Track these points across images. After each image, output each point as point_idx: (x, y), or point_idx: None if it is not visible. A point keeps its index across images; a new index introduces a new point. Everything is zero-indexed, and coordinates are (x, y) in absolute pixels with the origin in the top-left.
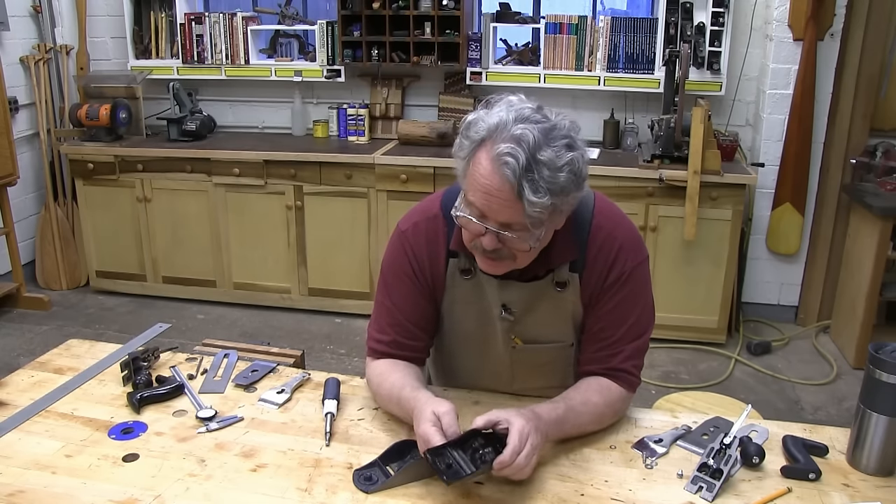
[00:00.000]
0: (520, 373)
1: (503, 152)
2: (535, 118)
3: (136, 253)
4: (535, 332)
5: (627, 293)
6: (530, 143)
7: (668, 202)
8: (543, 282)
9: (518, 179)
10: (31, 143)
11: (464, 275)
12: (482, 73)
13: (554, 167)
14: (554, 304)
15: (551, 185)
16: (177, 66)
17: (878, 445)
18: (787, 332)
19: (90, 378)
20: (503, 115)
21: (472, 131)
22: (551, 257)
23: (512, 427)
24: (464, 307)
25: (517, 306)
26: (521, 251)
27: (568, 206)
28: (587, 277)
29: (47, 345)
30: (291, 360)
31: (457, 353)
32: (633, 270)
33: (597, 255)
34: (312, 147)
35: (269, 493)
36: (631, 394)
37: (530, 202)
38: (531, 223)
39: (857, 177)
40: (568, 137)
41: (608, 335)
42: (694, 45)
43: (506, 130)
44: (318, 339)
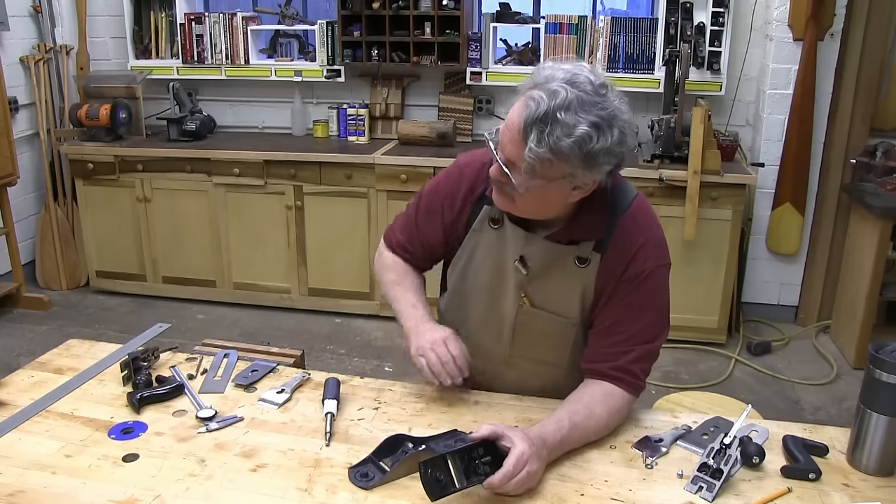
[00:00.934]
0: (520, 338)
1: (533, 96)
2: (584, 87)
3: (136, 253)
4: (545, 297)
5: (644, 293)
6: (558, 102)
7: (668, 202)
8: (565, 248)
9: (529, 124)
10: (31, 143)
11: (492, 223)
12: (482, 73)
13: (566, 131)
14: (569, 276)
15: (554, 144)
16: (177, 66)
17: (878, 445)
18: (787, 332)
19: (90, 378)
20: (562, 72)
21: (533, 76)
22: (578, 228)
23: (513, 450)
24: (484, 256)
25: (534, 262)
26: (516, 193)
27: (581, 179)
28: (607, 262)
29: (47, 345)
30: (291, 360)
31: (468, 306)
32: (652, 272)
33: (621, 243)
34: (312, 147)
35: (269, 493)
36: (634, 398)
37: (530, 147)
38: (524, 168)
39: (857, 177)
40: (604, 119)
41: (619, 332)
42: (694, 45)
43: (552, 82)
44: (318, 339)
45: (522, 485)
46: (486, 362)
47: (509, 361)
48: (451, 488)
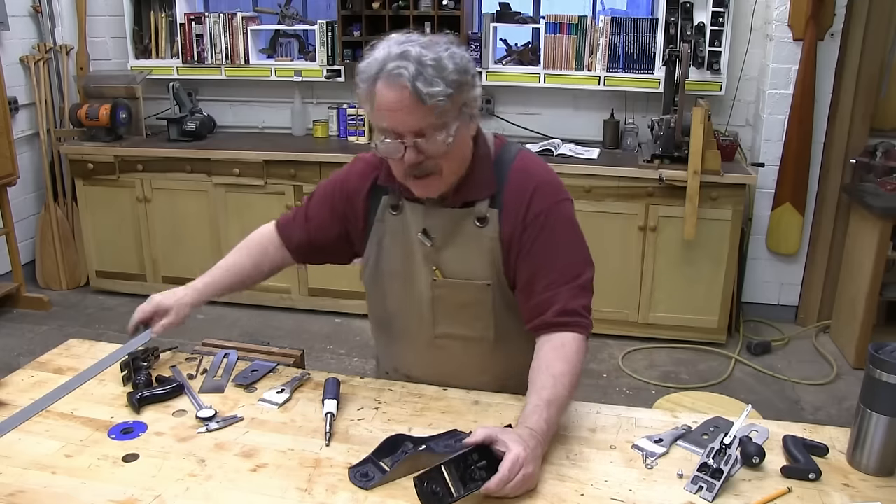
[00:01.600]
0: (441, 314)
1: (393, 69)
2: (412, 39)
3: (136, 253)
4: (454, 265)
5: (550, 232)
6: (413, 54)
7: (668, 202)
8: (464, 212)
9: (413, 83)
10: (31, 143)
11: (392, 210)
12: (482, 72)
13: (439, 63)
14: (473, 239)
15: (441, 75)
16: (177, 66)
17: (878, 445)
18: (787, 332)
19: (90, 378)
20: (385, 49)
21: (364, 73)
22: (469, 189)
23: (508, 454)
24: (391, 243)
25: (436, 232)
26: (442, 156)
27: (470, 104)
28: (506, 214)
29: (47, 345)
30: (291, 360)
31: (386, 295)
32: (551, 209)
33: (514, 192)
34: (312, 147)
35: (269, 493)
36: (585, 337)
37: (429, 94)
38: (437, 115)
39: (857, 177)
40: (448, 45)
41: (542, 278)
42: (694, 45)
43: (391, 55)
44: (318, 339)
45: (520, 487)
46: (414, 351)
47: (435, 343)
48: (448, 499)
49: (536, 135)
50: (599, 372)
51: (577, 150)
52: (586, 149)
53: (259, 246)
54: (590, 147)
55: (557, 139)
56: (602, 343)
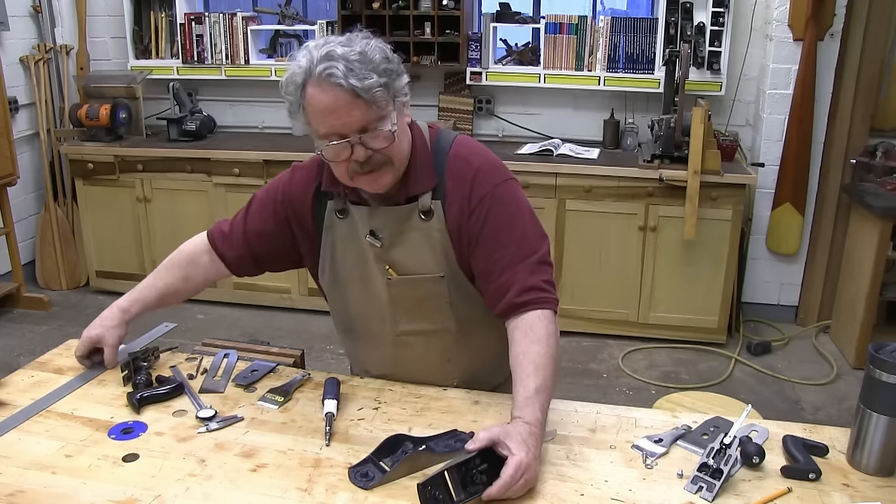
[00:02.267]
0: (400, 311)
1: (323, 71)
2: (331, 40)
3: (136, 253)
4: (406, 262)
5: (497, 214)
6: (338, 53)
7: (668, 202)
8: (409, 208)
9: (346, 81)
10: (31, 143)
11: (339, 215)
12: (482, 73)
13: (365, 57)
14: (421, 233)
15: (371, 66)
16: (177, 66)
17: (878, 445)
18: (787, 332)
19: (91, 379)
20: (307, 55)
21: (290, 84)
22: (410, 185)
23: (511, 459)
24: (343, 249)
25: (383, 231)
26: (390, 146)
27: (402, 91)
28: (450, 204)
29: (47, 345)
30: (291, 360)
31: (346, 300)
32: (494, 190)
33: (454, 180)
34: (312, 147)
35: (269, 493)
36: (553, 312)
37: (365, 88)
38: (378, 107)
39: (857, 177)
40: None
41: (497, 261)
42: (694, 45)
43: (315, 58)
44: (318, 339)
45: (521, 491)
46: (381, 351)
47: (400, 341)
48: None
49: (536, 135)
50: (599, 372)
51: (577, 150)
52: (586, 149)
53: (191, 263)
54: (590, 147)
55: (557, 139)
56: (602, 343)
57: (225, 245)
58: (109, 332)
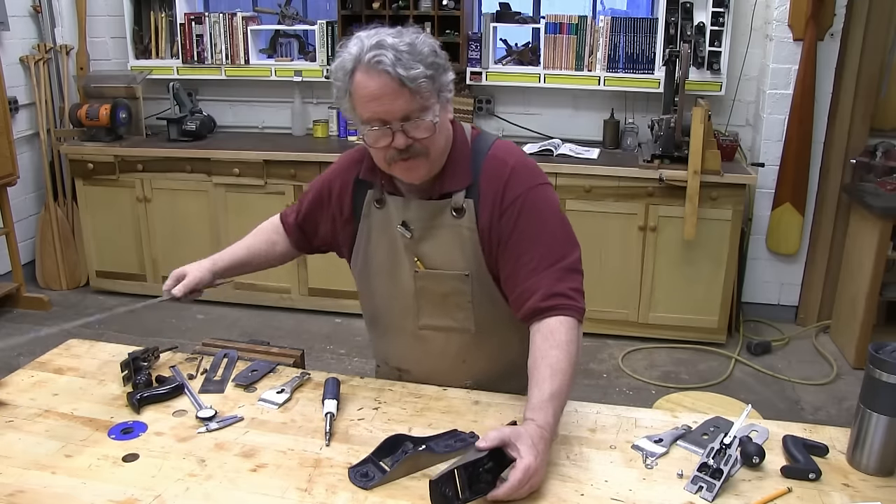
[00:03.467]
0: (424, 305)
1: (372, 58)
2: (382, 30)
3: (136, 253)
4: (434, 256)
5: (530, 216)
6: (388, 43)
7: (668, 202)
8: (441, 204)
9: (394, 69)
10: (31, 143)
11: (377, 204)
12: (482, 73)
13: (414, 49)
14: (451, 230)
15: (418, 58)
16: (177, 66)
17: (878, 445)
18: (787, 332)
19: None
20: (358, 43)
21: (339, 70)
22: (446, 180)
23: (520, 462)
24: (377, 237)
25: (415, 224)
26: (429, 137)
27: (446, 87)
28: (482, 204)
29: (47, 345)
30: (291, 360)
31: (374, 289)
32: (528, 192)
33: (489, 180)
34: (312, 147)
35: (269, 493)
36: (577, 321)
37: (410, 77)
38: (422, 97)
39: (857, 177)
40: (415, 32)
41: (525, 263)
42: (694, 45)
43: (365, 47)
44: (318, 339)
45: (526, 494)
46: (401, 342)
47: (420, 335)
48: (455, 501)
49: (536, 135)
50: (599, 372)
51: (577, 150)
52: (586, 149)
53: (276, 232)
54: (590, 147)
55: (557, 139)
56: (602, 343)
57: (288, 223)
58: (194, 269)
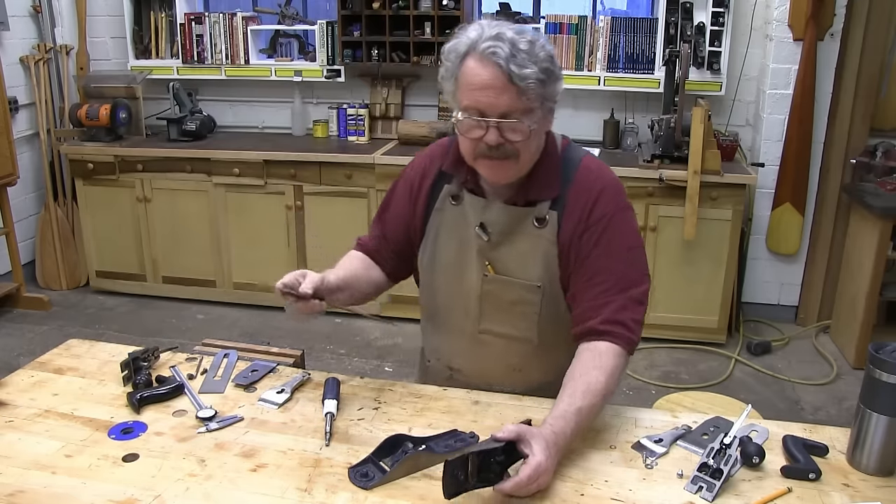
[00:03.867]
0: (487, 310)
1: (488, 48)
2: (505, 24)
3: (136, 253)
4: (507, 263)
5: (612, 238)
6: (508, 37)
7: (668, 202)
8: (524, 211)
9: (507, 64)
10: (31, 143)
11: (453, 200)
12: None
13: (532, 50)
14: (529, 239)
15: (535, 62)
16: (177, 66)
17: (878, 445)
18: (787, 332)
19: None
20: (478, 30)
21: (453, 51)
22: (533, 188)
23: (531, 459)
24: (447, 234)
25: (493, 227)
26: (522, 141)
27: (552, 97)
28: (567, 218)
29: (47, 345)
30: (291, 360)
31: (437, 286)
32: (615, 215)
33: (578, 195)
34: (312, 147)
35: (269, 493)
36: (627, 353)
37: (521, 76)
38: (527, 98)
39: (857, 177)
40: (538, 35)
41: (597, 283)
42: (694, 45)
43: (484, 35)
44: (318, 339)
45: (530, 492)
46: (457, 342)
47: (479, 338)
48: (465, 485)
49: None
50: None
51: None
52: (586, 149)
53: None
54: (590, 147)
55: None
56: None
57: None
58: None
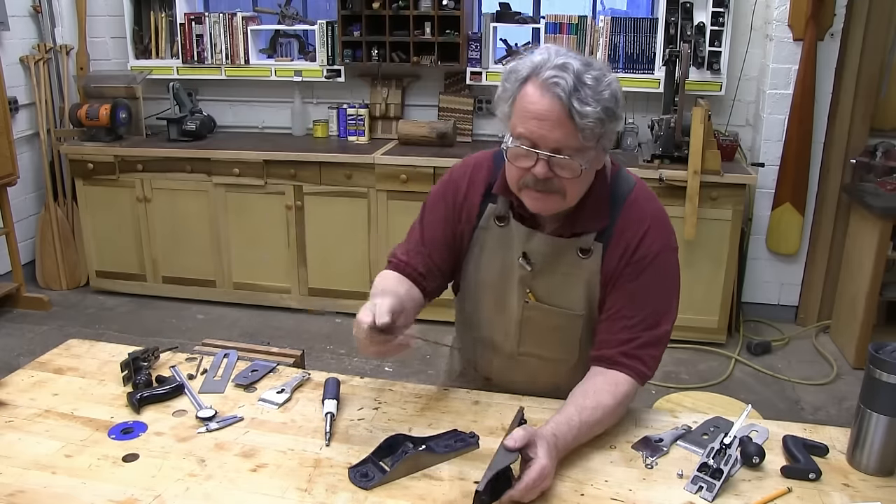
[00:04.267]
0: (527, 334)
1: (550, 77)
2: (573, 54)
3: (136, 253)
4: (549, 292)
5: (652, 276)
6: (574, 69)
7: (668, 202)
8: (568, 242)
9: (568, 98)
10: (31, 143)
11: (498, 221)
12: (482, 73)
13: (597, 87)
14: (573, 269)
15: (598, 100)
16: (177, 66)
17: (878, 445)
18: (787, 332)
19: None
20: (544, 55)
21: (514, 73)
22: (580, 220)
23: (536, 462)
24: (490, 254)
25: (537, 258)
26: (572, 179)
27: (609, 136)
28: (612, 250)
29: (47, 345)
30: (291, 360)
31: (477, 304)
32: (660, 253)
33: (625, 228)
34: (312, 147)
35: (269, 493)
36: (639, 385)
37: (581, 114)
38: (584, 137)
39: (857, 177)
40: (604, 69)
41: (627, 317)
42: (694, 45)
43: (549, 62)
44: (318, 339)
45: (535, 495)
46: (496, 359)
47: (517, 359)
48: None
49: None
50: None
51: None
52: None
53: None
54: None
55: None
56: None
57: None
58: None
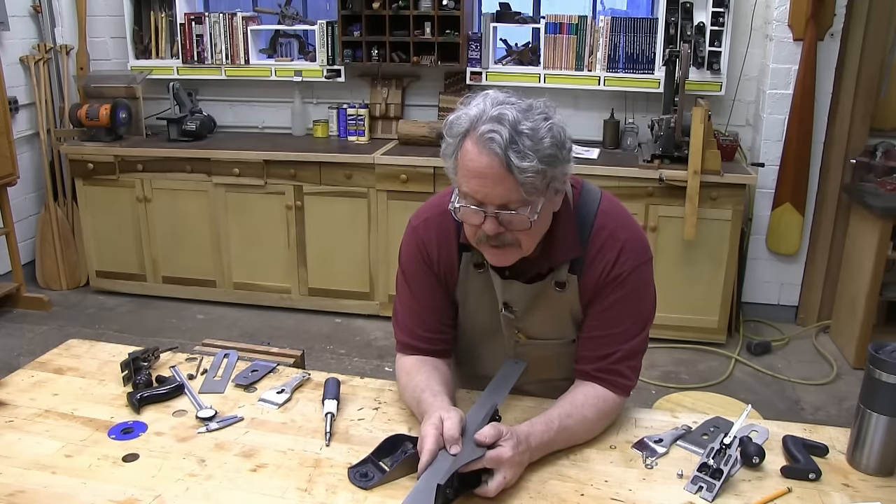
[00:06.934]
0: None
1: (486, 132)
2: (510, 101)
3: (136, 253)
4: (537, 328)
5: (626, 294)
6: (510, 119)
7: (668, 202)
8: (544, 282)
9: (505, 152)
10: (31, 143)
11: (477, 268)
12: (482, 73)
13: (536, 136)
14: (554, 303)
15: (536, 151)
16: (177, 66)
17: (878, 445)
18: (787, 332)
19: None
20: (481, 105)
21: (454, 127)
22: (553, 254)
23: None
24: (477, 300)
25: (518, 305)
26: (523, 231)
27: (559, 179)
28: (586, 279)
29: (47, 345)
30: (291, 360)
31: (472, 343)
32: (633, 271)
33: (597, 256)
34: (312, 147)
35: (269, 493)
36: (624, 398)
37: (520, 168)
38: (525, 192)
39: (857, 177)
40: (545, 113)
41: (603, 334)
42: (694, 45)
43: (485, 115)
44: (318, 339)
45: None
46: None
47: (521, 388)
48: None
49: None
50: None
51: (577, 150)
52: (586, 149)
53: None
54: (590, 147)
55: None
56: None
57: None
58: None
